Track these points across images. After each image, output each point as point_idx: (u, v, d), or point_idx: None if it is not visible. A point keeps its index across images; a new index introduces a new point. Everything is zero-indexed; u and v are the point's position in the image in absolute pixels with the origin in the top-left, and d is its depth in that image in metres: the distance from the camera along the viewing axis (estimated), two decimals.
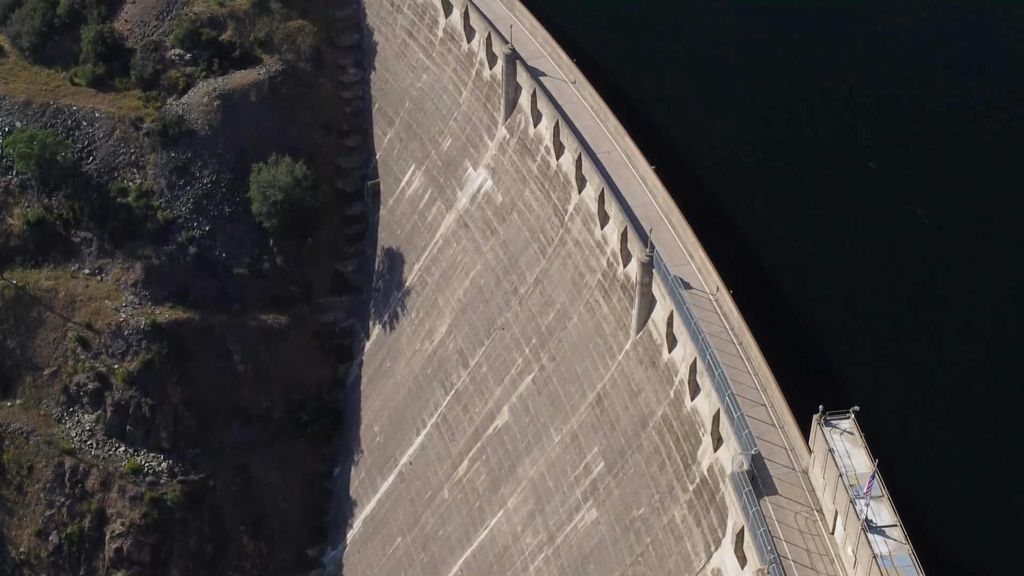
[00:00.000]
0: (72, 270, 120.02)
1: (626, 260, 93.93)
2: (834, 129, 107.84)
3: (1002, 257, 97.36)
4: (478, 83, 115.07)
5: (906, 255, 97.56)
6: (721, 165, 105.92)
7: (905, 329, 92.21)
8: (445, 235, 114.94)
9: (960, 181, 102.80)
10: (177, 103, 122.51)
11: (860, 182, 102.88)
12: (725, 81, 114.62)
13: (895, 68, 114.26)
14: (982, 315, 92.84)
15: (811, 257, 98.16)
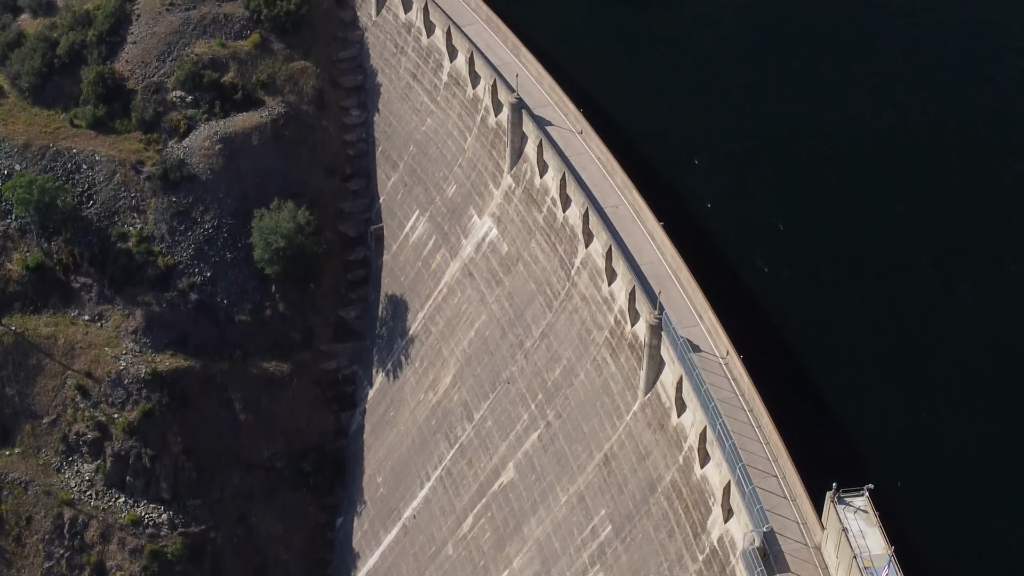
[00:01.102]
0: (72, 316, 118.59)
1: (634, 319, 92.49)
2: (848, 186, 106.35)
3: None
4: (483, 129, 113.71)
5: (925, 322, 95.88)
6: (730, 222, 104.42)
7: (923, 401, 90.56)
8: (449, 283, 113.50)
9: (977, 242, 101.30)
10: (178, 146, 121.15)
11: (876, 244, 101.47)
12: (734, 134, 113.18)
13: (910, 120, 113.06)
14: (1007, 390, 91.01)
15: (823, 321, 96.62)
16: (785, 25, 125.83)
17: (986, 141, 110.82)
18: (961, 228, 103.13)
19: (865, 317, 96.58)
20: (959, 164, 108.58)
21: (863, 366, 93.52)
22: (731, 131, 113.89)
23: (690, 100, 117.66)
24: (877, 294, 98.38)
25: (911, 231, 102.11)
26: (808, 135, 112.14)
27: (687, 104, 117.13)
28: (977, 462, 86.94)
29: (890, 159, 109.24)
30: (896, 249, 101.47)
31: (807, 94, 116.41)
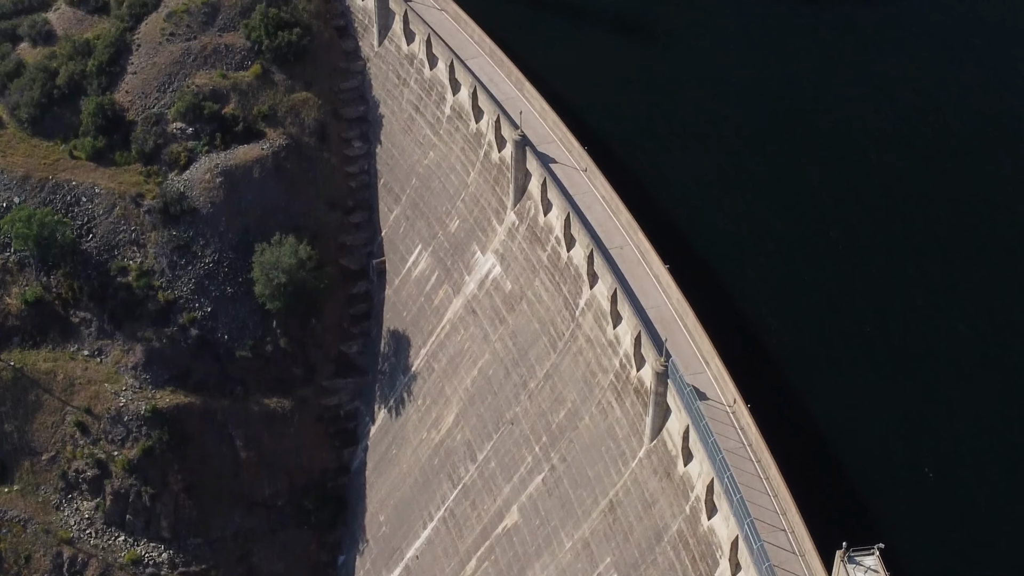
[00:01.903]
0: (71, 351, 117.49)
1: (639, 364, 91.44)
2: (858, 234, 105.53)
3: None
4: (486, 164, 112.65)
5: (939, 378, 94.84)
6: (736, 266, 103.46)
7: (936, 457, 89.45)
8: (452, 320, 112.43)
9: (983, 290, 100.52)
10: (179, 179, 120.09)
11: (886, 292, 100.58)
12: (742, 176, 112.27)
13: (914, 163, 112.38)
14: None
15: (832, 370, 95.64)
16: (794, 64, 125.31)
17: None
18: (974, 279, 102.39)
19: (875, 367, 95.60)
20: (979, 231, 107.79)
21: (874, 418, 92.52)
22: (738, 172, 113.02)
23: (696, 139, 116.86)
24: (888, 343, 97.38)
25: (922, 282, 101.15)
26: (818, 180, 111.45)
27: (693, 143, 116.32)
28: (992, 523, 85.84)
29: (901, 213, 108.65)
30: (907, 303, 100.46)
31: (816, 137, 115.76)
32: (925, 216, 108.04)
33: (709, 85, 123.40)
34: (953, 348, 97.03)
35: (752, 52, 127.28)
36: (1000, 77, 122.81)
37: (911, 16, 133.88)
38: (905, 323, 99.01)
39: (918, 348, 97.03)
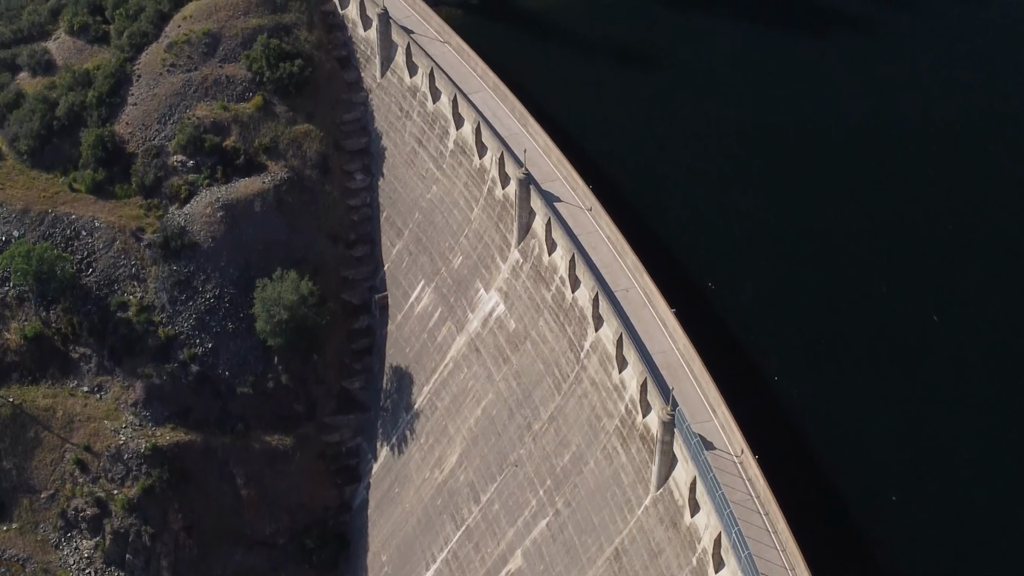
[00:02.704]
0: (70, 387, 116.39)
1: (645, 410, 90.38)
2: (866, 273, 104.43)
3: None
4: (490, 201, 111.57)
5: (951, 428, 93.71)
6: (742, 311, 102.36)
7: (950, 512, 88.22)
8: (456, 358, 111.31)
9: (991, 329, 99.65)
10: (179, 212, 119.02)
11: (894, 339, 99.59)
12: (750, 218, 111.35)
13: (920, 204, 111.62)
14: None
15: (840, 419, 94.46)
16: (800, 98, 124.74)
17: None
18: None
19: (887, 418, 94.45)
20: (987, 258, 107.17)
21: (886, 470, 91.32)
22: (746, 214, 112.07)
23: (702, 177, 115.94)
24: (901, 394, 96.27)
25: (930, 328, 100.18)
26: (824, 218, 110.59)
27: (699, 181, 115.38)
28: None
29: (906, 253, 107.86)
30: (916, 349, 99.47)
31: (828, 178, 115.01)
32: (935, 267, 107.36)
33: (714, 119, 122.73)
34: (974, 405, 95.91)
35: (757, 85, 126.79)
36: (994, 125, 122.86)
37: (913, 47, 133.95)
38: (917, 374, 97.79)
39: (932, 400, 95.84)
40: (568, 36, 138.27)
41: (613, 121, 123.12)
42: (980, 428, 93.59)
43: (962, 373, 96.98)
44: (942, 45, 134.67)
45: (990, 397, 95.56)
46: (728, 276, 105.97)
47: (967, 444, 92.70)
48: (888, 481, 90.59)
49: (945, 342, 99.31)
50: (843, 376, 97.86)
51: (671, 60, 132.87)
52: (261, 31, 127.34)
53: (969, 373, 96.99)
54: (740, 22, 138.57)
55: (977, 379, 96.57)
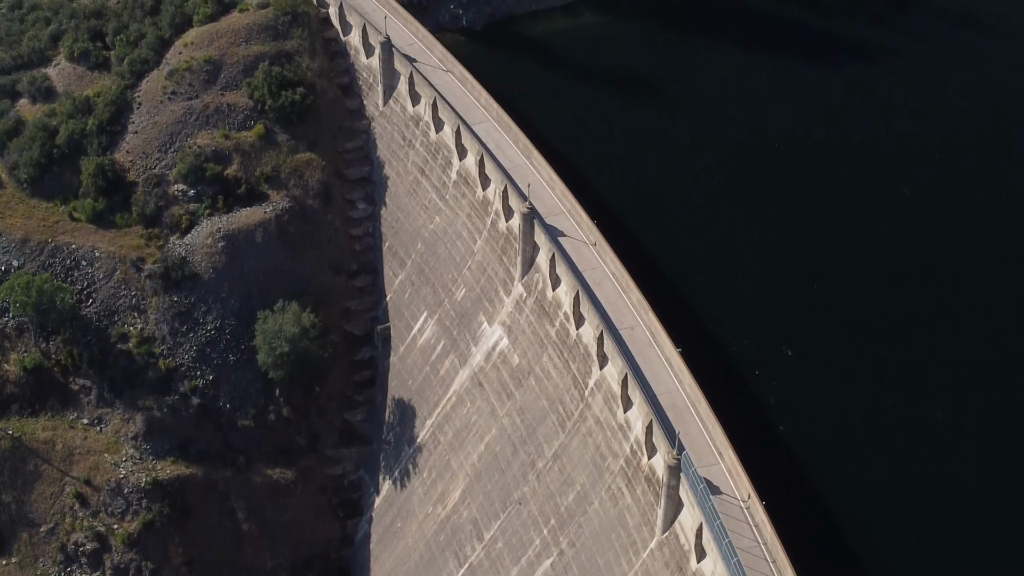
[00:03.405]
0: (70, 420, 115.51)
1: (651, 452, 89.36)
2: (872, 311, 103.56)
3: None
4: (493, 233, 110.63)
5: (960, 471, 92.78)
6: (749, 351, 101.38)
7: (961, 555, 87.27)
8: (459, 392, 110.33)
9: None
10: (180, 243, 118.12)
11: (907, 382, 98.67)
12: (756, 255, 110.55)
13: (921, 243, 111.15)
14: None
15: (849, 465, 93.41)
16: (805, 126, 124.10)
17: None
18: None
19: (896, 462, 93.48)
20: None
21: (896, 517, 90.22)
22: (752, 250, 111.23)
23: (708, 211, 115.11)
24: (911, 438, 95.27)
25: (938, 368, 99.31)
26: (837, 258, 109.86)
27: (705, 216, 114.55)
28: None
29: (912, 289, 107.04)
30: (927, 395, 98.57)
31: (838, 211, 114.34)
32: (950, 298, 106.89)
33: (720, 150, 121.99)
34: (990, 448, 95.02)
35: (764, 115, 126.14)
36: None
37: (914, 73, 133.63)
38: (931, 420, 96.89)
39: (949, 449, 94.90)
40: (571, 62, 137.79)
41: (617, 151, 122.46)
42: (999, 477, 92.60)
43: (978, 414, 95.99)
44: (944, 72, 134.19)
45: (1012, 446, 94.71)
46: (734, 315, 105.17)
47: (985, 490, 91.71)
48: (901, 530, 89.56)
49: (964, 386, 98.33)
50: (853, 421, 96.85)
51: (676, 87, 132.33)
52: (263, 58, 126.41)
53: (986, 412, 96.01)
54: (745, 49, 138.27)
55: (993, 421, 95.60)
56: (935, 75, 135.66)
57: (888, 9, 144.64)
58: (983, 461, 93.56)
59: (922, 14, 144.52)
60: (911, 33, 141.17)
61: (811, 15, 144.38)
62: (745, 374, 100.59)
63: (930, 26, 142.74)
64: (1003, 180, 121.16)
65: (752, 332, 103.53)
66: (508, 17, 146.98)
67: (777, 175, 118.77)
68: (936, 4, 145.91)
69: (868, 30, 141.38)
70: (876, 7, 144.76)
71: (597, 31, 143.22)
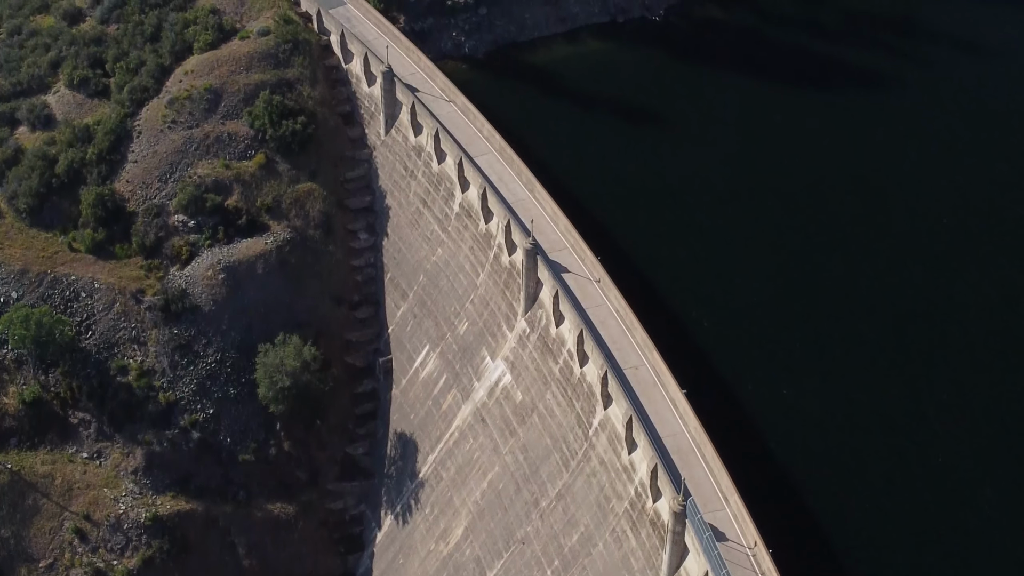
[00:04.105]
0: (69, 453, 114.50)
1: (656, 496, 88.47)
2: (878, 353, 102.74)
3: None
4: (496, 267, 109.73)
5: (967, 518, 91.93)
6: (755, 395, 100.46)
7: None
8: (461, 427, 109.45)
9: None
10: (180, 274, 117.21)
11: (908, 425, 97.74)
12: (761, 292, 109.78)
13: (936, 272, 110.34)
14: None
15: (856, 509, 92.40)
16: (818, 163, 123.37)
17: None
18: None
19: (907, 508, 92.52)
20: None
21: (905, 563, 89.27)
22: (758, 287, 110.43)
23: (712, 247, 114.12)
24: (918, 477, 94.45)
25: (951, 411, 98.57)
26: (841, 294, 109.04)
27: (709, 252, 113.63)
28: None
29: (924, 332, 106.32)
30: (937, 436, 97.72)
31: (839, 249, 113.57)
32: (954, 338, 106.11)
33: (725, 182, 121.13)
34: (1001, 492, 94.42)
35: (770, 145, 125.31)
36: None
37: (919, 100, 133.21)
38: (939, 466, 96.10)
39: (959, 494, 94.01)
40: (574, 90, 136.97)
41: (621, 183, 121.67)
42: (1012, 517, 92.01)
43: (990, 460, 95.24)
44: (949, 97, 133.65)
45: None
46: (740, 356, 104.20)
47: (1001, 534, 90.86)
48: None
49: (979, 434, 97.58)
50: (863, 468, 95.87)
51: (679, 115, 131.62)
52: (264, 86, 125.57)
53: (991, 448, 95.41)
54: (749, 75, 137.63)
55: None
56: (940, 101, 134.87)
57: (892, 36, 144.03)
58: (999, 505, 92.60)
59: (926, 40, 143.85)
60: (916, 59, 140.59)
61: (815, 42, 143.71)
62: (751, 416, 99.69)
63: (935, 52, 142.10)
64: (1008, 206, 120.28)
65: (758, 373, 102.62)
66: (510, 44, 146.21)
67: (785, 208, 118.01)
68: (940, 29, 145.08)
69: (872, 57, 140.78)
70: (880, 34, 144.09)
71: (600, 58, 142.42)
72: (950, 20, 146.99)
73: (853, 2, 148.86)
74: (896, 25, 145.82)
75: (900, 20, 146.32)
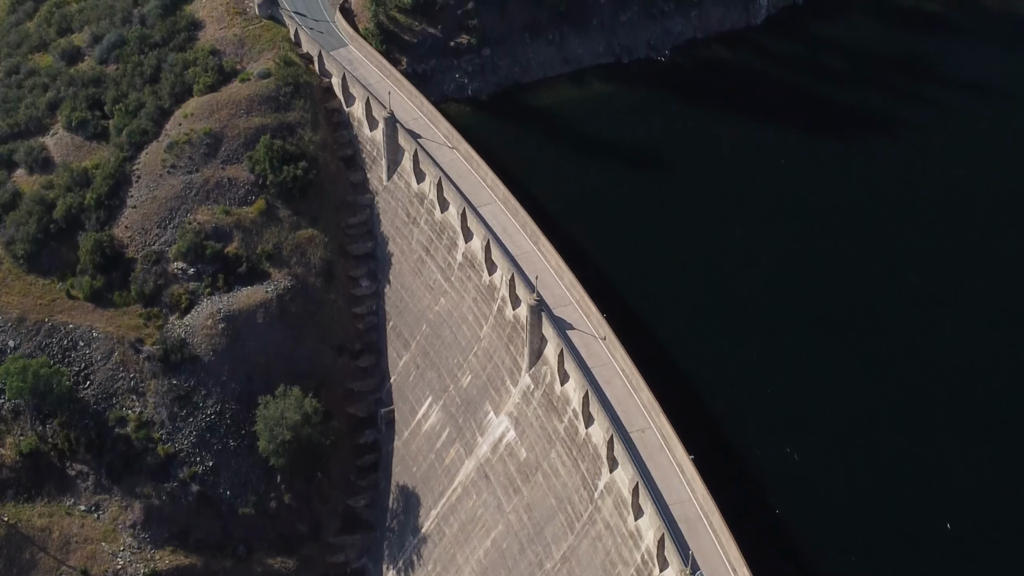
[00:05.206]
0: (67, 506, 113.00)
1: (662, 564, 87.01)
2: (889, 430, 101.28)
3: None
4: (500, 320, 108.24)
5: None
6: (765, 461, 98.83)
7: None
8: (464, 483, 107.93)
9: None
10: (179, 323, 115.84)
11: (921, 494, 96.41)
12: (769, 352, 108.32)
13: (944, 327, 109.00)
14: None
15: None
16: (827, 217, 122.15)
17: None
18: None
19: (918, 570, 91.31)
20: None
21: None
22: (767, 347, 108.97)
23: (721, 303, 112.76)
24: (931, 545, 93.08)
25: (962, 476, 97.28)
26: (847, 355, 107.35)
27: (717, 308, 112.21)
28: None
29: (933, 391, 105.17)
30: (949, 504, 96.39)
31: (846, 306, 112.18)
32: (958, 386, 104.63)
33: (732, 230, 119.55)
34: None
35: (778, 191, 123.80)
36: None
37: (927, 143, 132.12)
38: (961, 536, 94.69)
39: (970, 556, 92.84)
40: (579, 133, 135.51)
41: (626, 232, 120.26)
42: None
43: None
44: (959, 140, 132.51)
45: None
46: (748, 419, 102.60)
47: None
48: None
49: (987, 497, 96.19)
50: (875, 534, 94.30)
51: (686, 161, 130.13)
52: (264, 130, 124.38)
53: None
54: (756, 119, 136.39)
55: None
56: (949, 144, 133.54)
57: (899, 77, 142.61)
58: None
59: (933, 81, 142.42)
60: (922, 100, 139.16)
61: (823, 84, 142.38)
62: (760, 484, 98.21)
63: (941, 93, 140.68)
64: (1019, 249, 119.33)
65: (767, 438, 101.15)
66: (514, 86, 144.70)
67: (798, 261, 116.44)
68: (947, 71, 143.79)
69: (879, 99, 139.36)
70: (888, 77, 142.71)
71: (605, 100, 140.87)
72: (956, 61, 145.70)
73: (859, 44, 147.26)
74: (902, 66, 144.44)
75: (906, 61, 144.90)
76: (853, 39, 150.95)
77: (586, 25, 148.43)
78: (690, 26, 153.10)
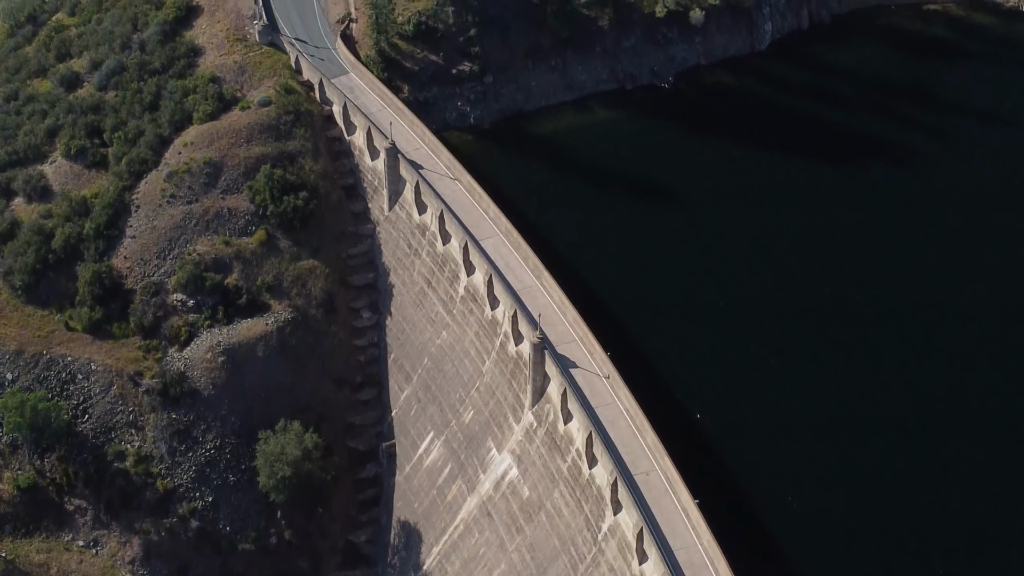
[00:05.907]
0: (65, 541, 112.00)
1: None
2: (895, 464, 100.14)
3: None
4: (502, 356, 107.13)
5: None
6: (770, 507, 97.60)
7: None
8: (467, 520, 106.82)
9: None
10: (179, 356, 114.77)
11: (930, 539, 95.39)
12: (777, 390, 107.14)
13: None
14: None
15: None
16: (834, 249, 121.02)
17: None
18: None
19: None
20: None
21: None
22: (773, 385, 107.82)
23: (728, 342, 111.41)
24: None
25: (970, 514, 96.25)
26: (855, 395, 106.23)
27: (724, 346, 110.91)
28: None
29: (941, 436, 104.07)
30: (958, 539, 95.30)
31: (854, 342, 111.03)
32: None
33: (738, 263, 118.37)
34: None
35: (784, 224, 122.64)
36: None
37: (937, 172, 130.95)
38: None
39: None
40: (582, 162, 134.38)
41: (630, 268, 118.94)
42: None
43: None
44: (969, 170, 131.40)
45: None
46: (755, 463, 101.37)
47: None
48: None
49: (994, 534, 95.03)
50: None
51: (690, 190, 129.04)
52: (264, 160, 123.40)
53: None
54: (762, 147, 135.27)
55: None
56: (954, 171, 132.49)
57: (905, 104, 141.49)
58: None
59: (940, 108, 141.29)
60: (929, 127, 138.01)
61: (828, 110, 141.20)
62: (766, 530, 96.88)
63: (949, 120, 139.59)
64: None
65: (773, 483, 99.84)
66: (517, 113, 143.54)
67: (804, 294, 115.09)
68: (954, 98, 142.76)
69: (886, 125, 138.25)
70: (893, 102, 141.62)
71: (609, 128, 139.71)
72: (961, 86, 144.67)
73: (864, 69, 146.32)
74: (907, 91, 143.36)
75: (911, 86, 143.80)
76: (858, 64, 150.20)
77: (589, 51, 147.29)
78: (694, 52, 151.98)
